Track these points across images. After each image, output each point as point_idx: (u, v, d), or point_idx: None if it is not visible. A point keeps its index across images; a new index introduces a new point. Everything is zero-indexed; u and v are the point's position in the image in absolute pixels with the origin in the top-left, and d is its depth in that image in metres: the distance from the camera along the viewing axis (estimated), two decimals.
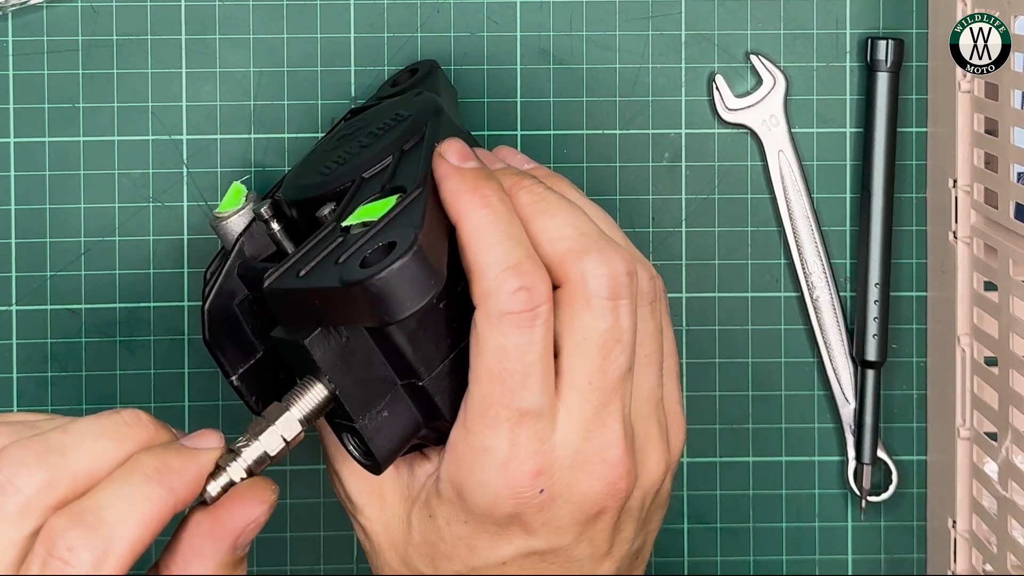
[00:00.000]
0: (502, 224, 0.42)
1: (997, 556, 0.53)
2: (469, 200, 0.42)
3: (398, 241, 0.40)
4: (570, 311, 0.42)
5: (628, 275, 0.42)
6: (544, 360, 0.41)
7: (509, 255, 0.41)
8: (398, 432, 0.43)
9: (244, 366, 0.47)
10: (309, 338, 0.41)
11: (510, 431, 0.41)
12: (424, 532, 0.44)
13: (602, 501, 0.43)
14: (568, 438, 0.42)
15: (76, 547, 0.37)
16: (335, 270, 0.41)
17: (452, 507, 0.43)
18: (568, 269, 0.42)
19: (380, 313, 0.39)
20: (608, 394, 0.42)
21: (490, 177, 0.43)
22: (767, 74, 0.58)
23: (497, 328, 0.41)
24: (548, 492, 0.42)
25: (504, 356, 0.41)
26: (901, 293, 0.59)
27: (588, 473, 0.42)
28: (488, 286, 0.41)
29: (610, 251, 0.42)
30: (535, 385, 0.41)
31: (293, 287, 0.42)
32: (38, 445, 0.38)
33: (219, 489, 0.41)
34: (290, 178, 0.50)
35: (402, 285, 0.39)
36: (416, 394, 0.43)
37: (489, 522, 0.42)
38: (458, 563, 0.43)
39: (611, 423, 0.42)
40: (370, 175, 0.46)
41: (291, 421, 0.42)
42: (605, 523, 0.43)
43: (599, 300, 0.42)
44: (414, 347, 0.41)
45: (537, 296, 0.41)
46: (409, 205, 0.42)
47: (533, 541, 0.43)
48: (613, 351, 0.42)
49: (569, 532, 0.43)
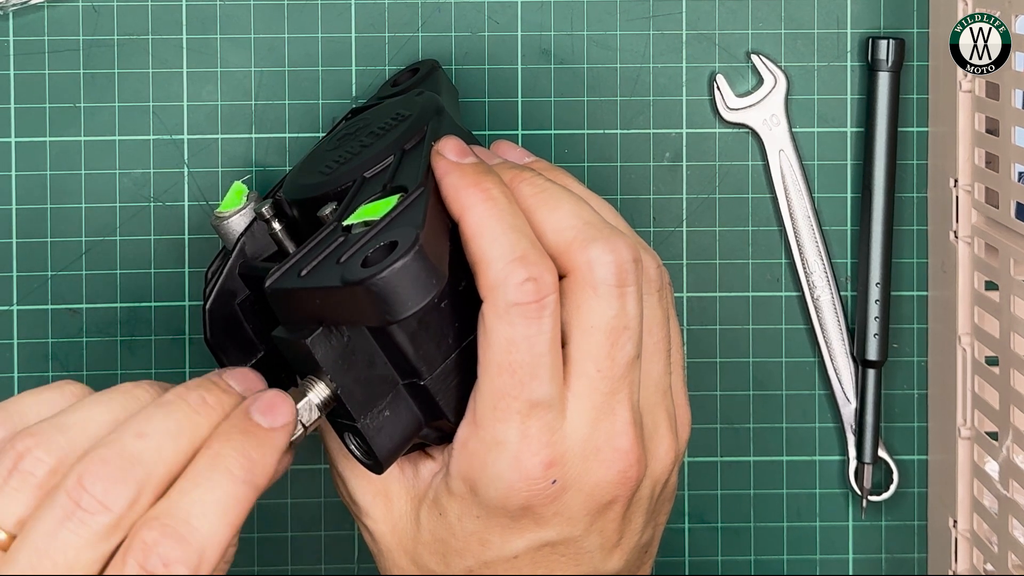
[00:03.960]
0: (506, 216, 0.42)
1: (998, 556, 0.53)
2: (471, 195, 0.42)
3: (399, 241, 0.40)
4: (577, 300, 0.42)
5: (634, 262, 0.42)
6: (553, 350, 0.41)
7: (514, 247, 0.41)
8: (399, 431, 0.43)
9: (246, 366, 0.46)
10: (311, 338, 0.41)
11: (521, 423, 0.41)
12: (434, 530, 0.44)
13: (613, 490, 0.43)
14: (578, 427, 0.42)
15: (172, 561, 0.36)
16: (337, 270, 0.41)
17: (464, 503, 0.43)
18: (574, 258, 0.42)
19: (382, 312, 0.39)
20: (616, 381, 0.42)
21: (490, 171, 0.43)
22: (768, 74, 0.58)
23: (506, 320, 0.41)
24: (560, 483, 0.42)
25: (514, 347, 0.41)
26: (902, 292, 0.59)
27: (599, 462, 0.42)
28: (495, 278, 0.41)
29: (615, 239, 0.42)
30: (545, 375, 0.41)
31: (294, 287, 0.42)
32: (120, 460, 0.37)
33: None
34: (291, 178, 0.50)
35: (404, 284, 0.39)
36: (417, 394, 0.43)
37: (502, 515, 0.42)
38: (470, 558, 0.43)
39: (620, 411, 0.42)
40: (371, 175, 0.46)
41: (310, 407, 0.42)
42: (615, 513, 0.43)
43: (606, 287, 0.42)
44: (416, 347, 0.41)
45: (544, 286, 0.41)
46: (410, 205, 0.42)
47: (545, 533, 0.43)
48: (621, 338, 0.42)
49: (580, 522, 0.43)
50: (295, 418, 0.40)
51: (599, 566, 0.44)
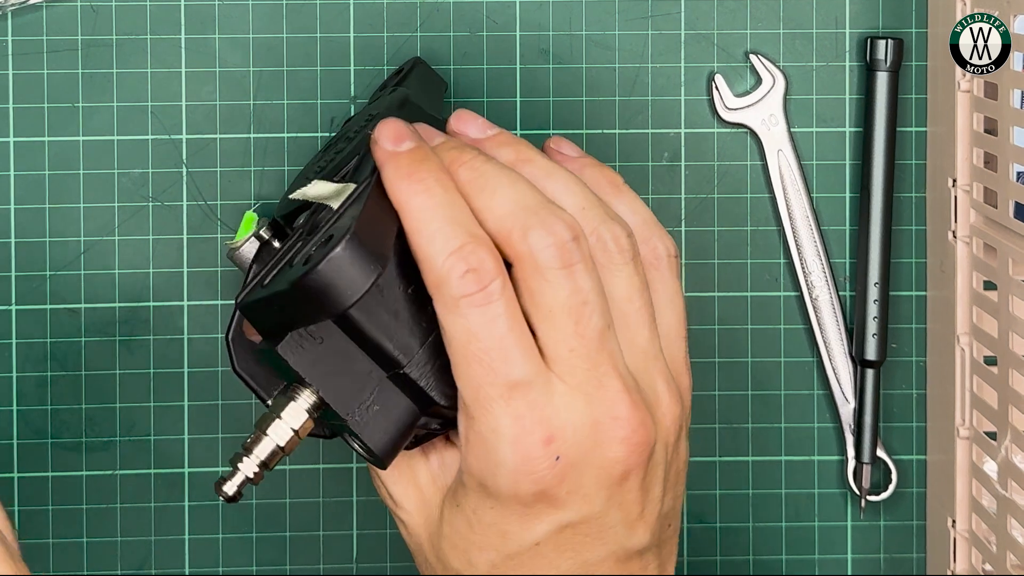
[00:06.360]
0: (441, 209, 0.42)
1: (997, 556, 0.53)
2: (406, 188, 0.42)
3: (334, 233, 0.41)
4: (529, 288, 0.42)
5: (574, 240, 0.42)
6: (515, 330, 0.41)
7: (450, 240, 0.41)
8: (393, 423, 0.43)
9: (278, 388, 0.47)
10: (280, 344, 0.42)
11: (506, 406, 0.41)
12: (454, 523, 0.44)
13: (625, 460, 0.42)
14: (570, 404, 0.42)
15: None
16: (288, 273, 0.42)
17: (477, 495, 0.43)
18: (516, 248, 0.42)
19: (327, 305, 0.40)
20: (594, 355, 0.42)
21: (426, 158, 0.43)
22: (766, 74, 0.58)
23: (457, 313, 0.41)
24: (565, 458, 0.42)
25: (473, 338, 0.41)
26: (901, 293, 0.59)
27: (602, 435, 0.42)
28: (437, 275, 0.41)
29: (551, 219, 0.42)
30: (515, 355, 0.41)
31: (258, 298, 0.43)
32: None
33: (235, 488, 0.42)
34: (282, 196, 0.51)
35: (340, 274, 0.40)
36: (403, 383, 0.43)
37: (515, 503, 0.42)
38: (491, 552, 0.43)
39: (608, 382, 0.42)
40: (339, 179, 0.47)
41: (297, 410, 0.42)
42: (633, 483, 0.43)
43: (552, 272, 0.42)
44: (387, 335, 0.42)
45: (486, 274, 0.41)
46: (356, 197, 0.43)
47: (563, 514, 0.42)
48: (583, 313, 0.42)
49: (597, 498, 0.42)
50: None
51: (625, 542, 0.43)
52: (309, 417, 0.42)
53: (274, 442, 0.42)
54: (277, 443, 0.42)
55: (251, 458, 0.42)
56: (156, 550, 0.58)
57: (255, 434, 0.43)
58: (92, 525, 0.58)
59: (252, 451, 0.42)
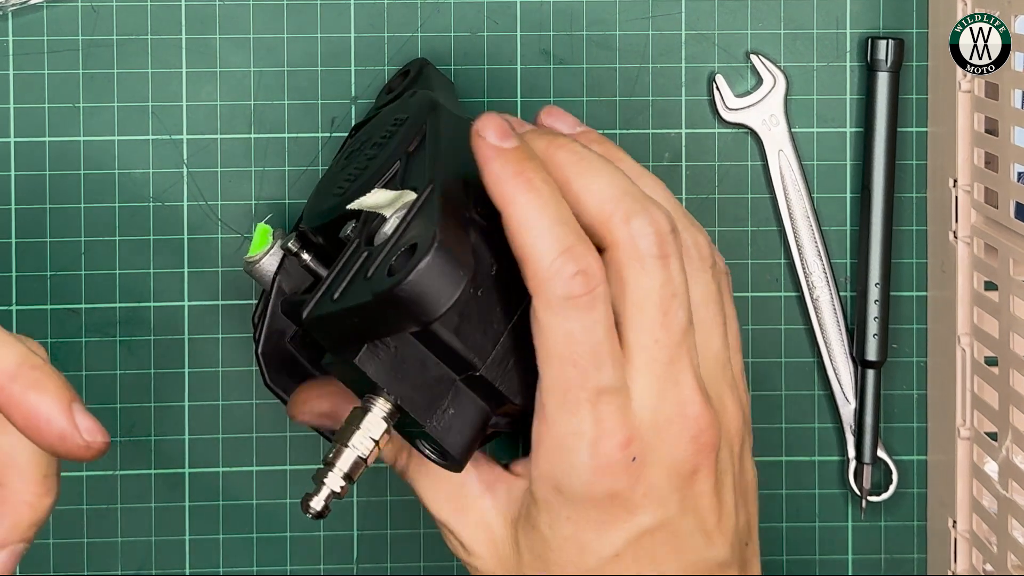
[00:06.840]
0: (549, 208, 0.41)
1: (997, 556, 0.53)
2: (514, 186, 0.41)
3: (419, 242, 0.40)
4: (623, 275, 0.42)
5: (672, 232, 0.42)
6: (610, 335, 0.41)
7: (561, 240, 0.41)
8: (468, 426, 0.43)
9: None
10: (358, 357, 0.41)
11: (592, 410, 0.41)
12: (531, 547, 0.44)
13: (692, 457, 0.42)
14: (646, 402, 0.42)
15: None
16: (366, 285, 0.41)
17: (551, 507, 0.43)
18: (616, 233, 0.42)
19: (418, 315, 0.40)
20: (675, 349, 0.42)
21: (532, 156, 0.42)
22: (767, 74, 0.58)
23: (560, 314, 0.40)
24: (640, 459, 0.41)
25: (572, 340, 0.41)
26: (901, 293, 0.59)
27: (673, 433, 0.42)
28: (544, 274, 0.40)
29: (653, 210, 0.42)
30: (607, 361, 0.41)
31: (330, 312, 0.42)
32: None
33: (322, 503, 0.42)
34: (309, 205, 0.51)
35: (432, 283, 0.39)
36: (477, 384, 0.43)
37: (591, 509, 0.42)
38: (571, 568, 0.43)
39: (684, 379, 0.42)
40: (382, 185, 0.46)
41: (375, 420, 0.42)
42: (703, 485, 0.43)
43: (651, 259, 0.42)
44: (462, 340, 0.42)
45: (593, 277, 0.41)
46: (424, 203, 0.42)
47: (638, 519, 0.42)
48: (672, 306, 0.42)
49: (670, 500, 0.42)
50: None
51: (703, 552, 0.43)
52: (387, 426, 0.42)
53: (356, 453, 0.42)
54: (359, 454, 0.42)
55: (335, 472, 0.42)
56: (156, 551, 0.58)
57: (336, 447, 0.42)
58: (92, 525, 0.58)
59: (335, 464, 0.42)
